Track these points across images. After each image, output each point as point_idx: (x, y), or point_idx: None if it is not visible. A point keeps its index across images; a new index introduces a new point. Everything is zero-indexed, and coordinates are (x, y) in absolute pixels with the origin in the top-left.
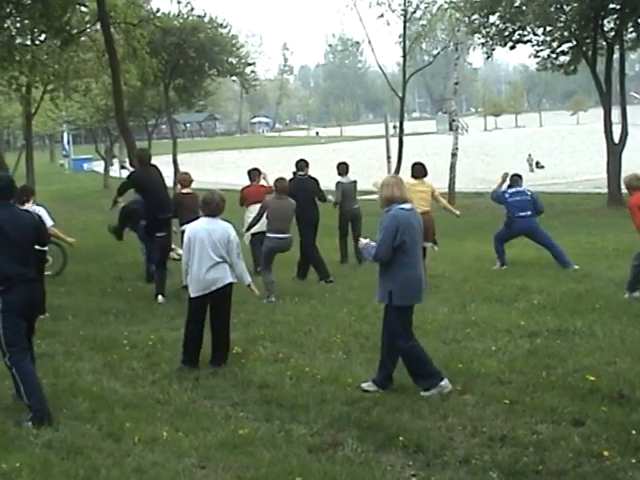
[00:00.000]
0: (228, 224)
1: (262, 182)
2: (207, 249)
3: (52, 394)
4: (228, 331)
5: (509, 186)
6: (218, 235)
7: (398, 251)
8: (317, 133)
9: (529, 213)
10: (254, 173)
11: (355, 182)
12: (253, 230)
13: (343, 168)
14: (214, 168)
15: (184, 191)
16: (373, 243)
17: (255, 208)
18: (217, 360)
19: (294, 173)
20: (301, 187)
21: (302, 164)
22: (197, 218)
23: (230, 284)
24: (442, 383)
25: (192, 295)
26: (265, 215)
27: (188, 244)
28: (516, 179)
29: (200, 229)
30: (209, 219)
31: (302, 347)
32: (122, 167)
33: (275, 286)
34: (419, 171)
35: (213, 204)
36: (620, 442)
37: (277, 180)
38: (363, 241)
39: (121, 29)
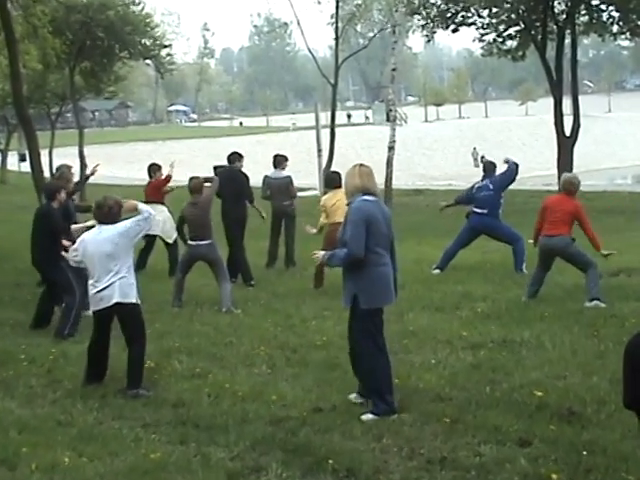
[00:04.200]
0: (117, 227)
1: (166, 173)
2: (95, 264)
3: None
4: (136, 354)
5: (483, 176)
6: (109, 245)
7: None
8: (241, 123)
9: (485, 211)
10: (154, 168)
11: (288, 177)
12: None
13: (276, 161)
14: (126, 162)
15: None
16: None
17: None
18: (127, 383)
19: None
20: (228, 180)
21: (234, 157)
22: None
23: (119, 304)
24: (391, 417)
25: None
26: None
27: (82, 258)
28: (490, 167)
29: (89, 242)
30: (99, 227)
31: (222, 361)
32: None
33: (182, 291)
34: (334, 181)
35: (105, 209)
36: (570, 464)
37: (190, 179)
38: (320, 254)
39: (19, 5)
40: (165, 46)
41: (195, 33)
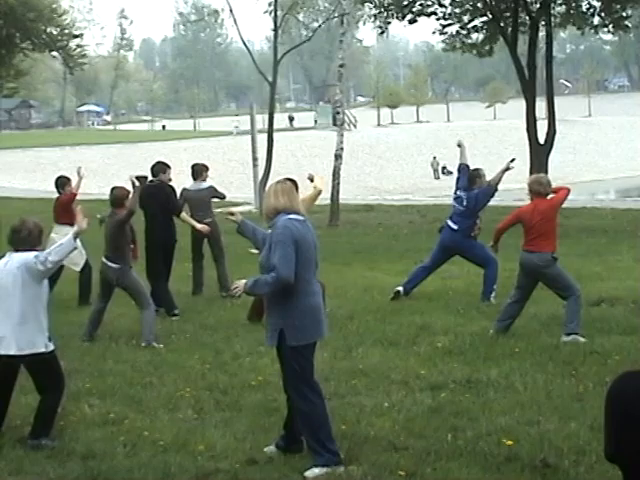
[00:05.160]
0: (23, 256)
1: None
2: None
3: None
4: (48, 403)
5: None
6: (10, 279)
7: None
8: (164, 127)
9: (455, 227)
10: (62, 181)
11: (210, 188)
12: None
13: (194, 171)
14: (28, 171)
15: None
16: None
17: (62, 229)
18: (30, 432)
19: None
20: (151, 196)
21: (158, 168)
22: None
23: (20, 357)
24: (339, 469)
25: None
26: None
27: None
28: (473, 177)
29: None
30: (9, 255)
31: (140, 405)
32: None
33: (98, 324)
34: None
35: (23, 232)
36: None
37: (112, 190)
38: (240, 282)
39: None
40: (75, 36)
41: (110, 21)
